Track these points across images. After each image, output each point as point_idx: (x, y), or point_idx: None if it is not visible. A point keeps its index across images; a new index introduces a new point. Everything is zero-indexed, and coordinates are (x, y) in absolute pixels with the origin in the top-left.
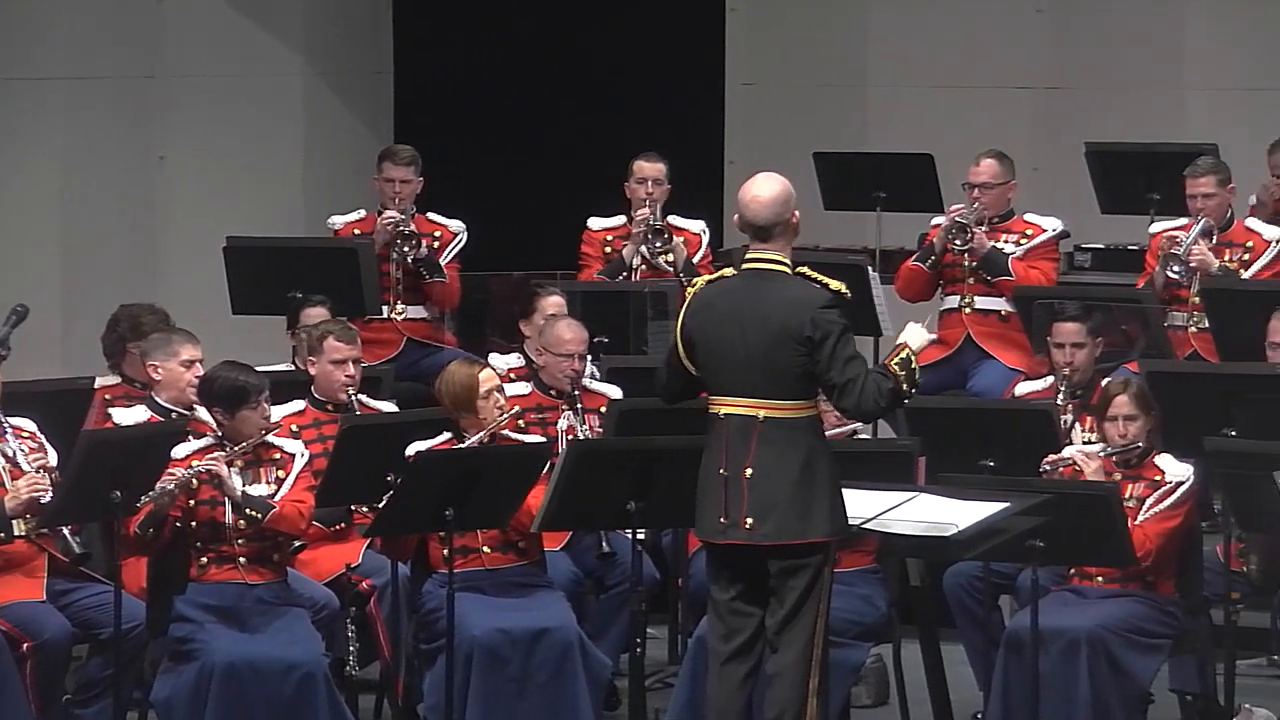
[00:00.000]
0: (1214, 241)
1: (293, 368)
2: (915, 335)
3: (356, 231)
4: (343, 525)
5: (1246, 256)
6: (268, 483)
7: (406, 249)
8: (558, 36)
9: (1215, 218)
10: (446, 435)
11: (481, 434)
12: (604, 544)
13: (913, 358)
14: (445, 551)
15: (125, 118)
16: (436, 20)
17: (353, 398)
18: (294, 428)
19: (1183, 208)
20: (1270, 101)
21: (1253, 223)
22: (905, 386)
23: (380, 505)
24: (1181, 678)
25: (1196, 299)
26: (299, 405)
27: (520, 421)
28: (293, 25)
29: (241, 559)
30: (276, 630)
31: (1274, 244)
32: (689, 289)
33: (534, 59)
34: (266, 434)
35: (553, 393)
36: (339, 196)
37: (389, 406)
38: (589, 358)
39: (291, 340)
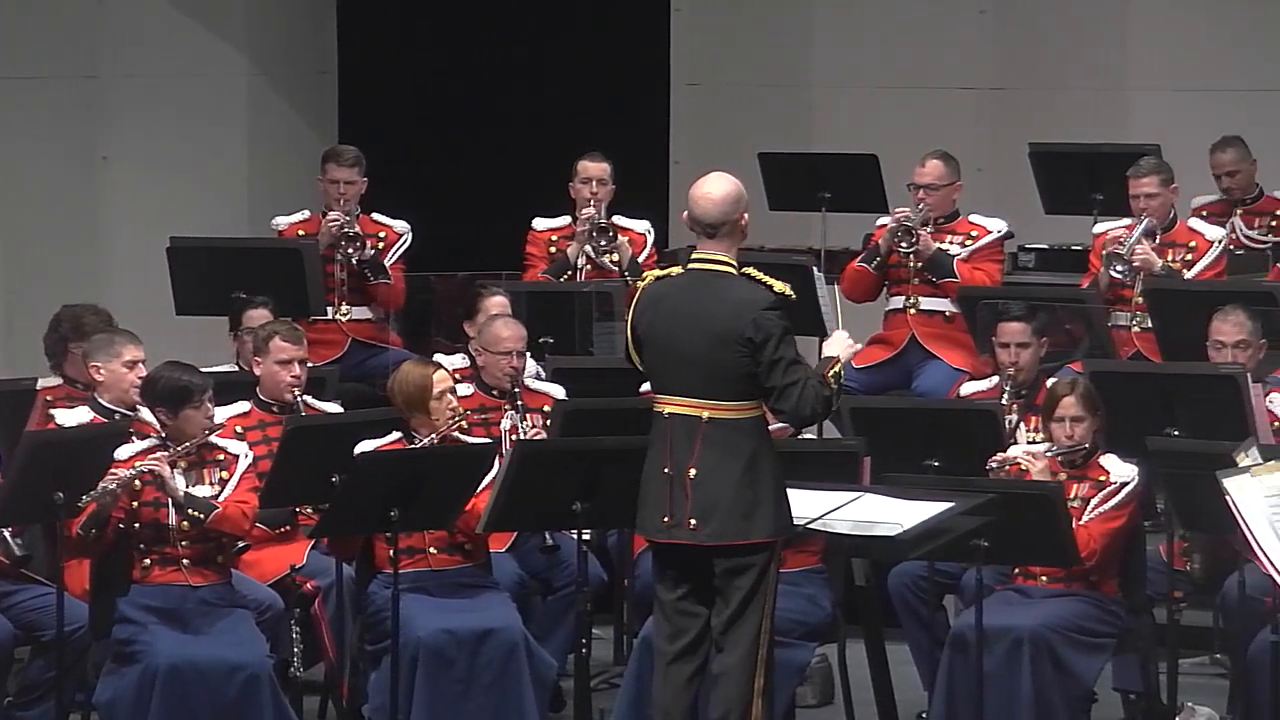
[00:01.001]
0: (1157, 242)
1: (236, 369)
2: (842, 345)
3: (301, 232)
4: (287, 527)
5: (1189, 257)
6: (211, 484)
7: (351, 250)
8: (502, 37)
9: (1158, 218)
10: (396, 435)
11: (433, 435)
12: (547, 537)
13: (841, 372)
14: (391, 552)
15: (68, 118)
16: (380, 20)
17: (298, 398)
18: (238, 429)
19: (1126, 208)
20: (1212, 102)
21: (1195, 223)
22: (835, 400)
23: (325, 506)
24: (1125, 677)
25: (1140, 299)
26: (244, 406)
27: (464, 423)
28: (236, 25)
29: (185, 560)
30: (220, 632)
31: (1216, 244)
32: (639, 284)
33: (478, 59)
34: (210, 434)
35: (495, 393)
36: (283, 197)
37: (334, 408)
38: (530, 356)
39: (234, 342)
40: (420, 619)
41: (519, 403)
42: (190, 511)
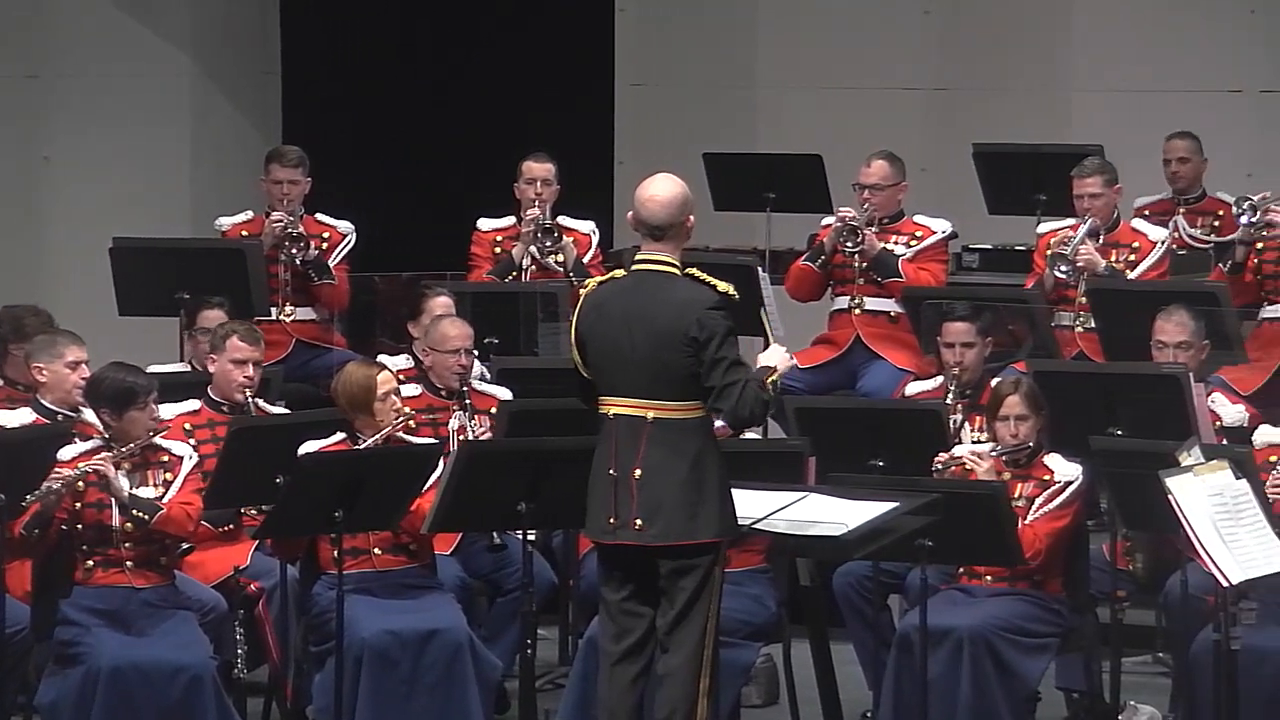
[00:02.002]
0: (1100, 242)
1: (189, 368)
2: (779, 357)
3: (244, 233)
4: (231, 526)
5: (1133, 257)
6: (155, 485)
7: (295, 250)
8: (447, 37)
9: (1102, 218)
10: (340, 436)
11: (378, 436)
12: (495, 536)
13: (779, 381)
14: (335, 553)
15: (9, 118)
16: (324, 21)
17: (249, 399)
18: (187, 426)
19: (1069, 208)
20: (1154, 103)
21: (1139, 224)
22: (769, 410)
23: (270, 507)
24: (1068, 676)
25: (1083, 299)
26: (194, 405)
27: (411, 423)
28: (179, 25)
29: (128, 562)
30: (163, 633)
31: (1159, 245)
32: (581, 290)
33: (422, 59)
34: (154, 436)
35: (442, 393)
36: (226, 198)
37: (282, 412)
38: (477, 356)
39: (189, 341)
40: (364, 620)
41: (467, 403)
42: (134, 513)
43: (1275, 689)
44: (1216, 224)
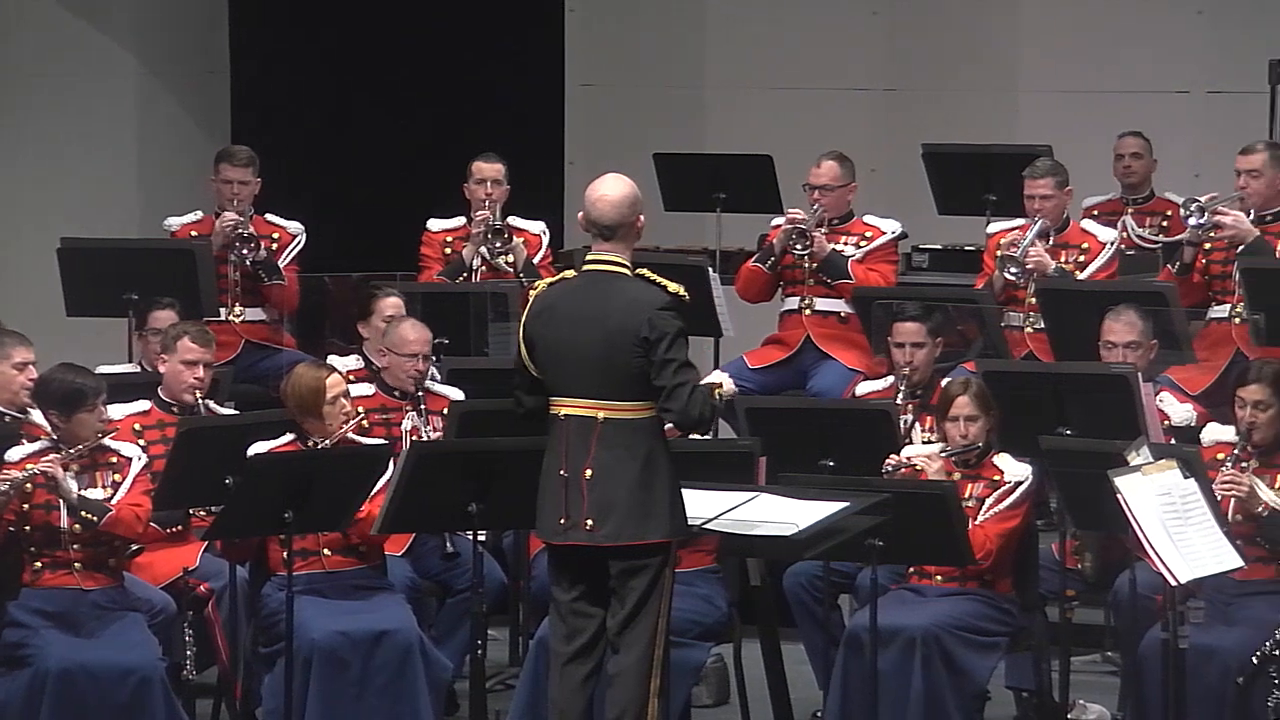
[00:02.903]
0: (1050, 243)
1: (138, 369)
2: (725, 380)
3: (193, 233)
4: (180, 527)
5: (1082, 258)
6: (104, 486)
7: (245, 251)
8: (396, 36)
9: (1052, 219)
10: (289, 437)
11: (327, 440)
12: (448, 544)
13: (721, 396)
14: (285, 554)
15: None
16: (272, 20)
17: (199, 400)
18: (136, 426)
19: (1018, 208)
20: (1102, 103)
21: (1088, 224)
22: (716, 413)
23: (219, 508)
24: (1018, 675)
25: (1033, 299)
26: (144, 405)
27: (364, 423)
28: (126, 25)
29: (77, 564)
30: (112, 635)
31: (1109, 246)
32: (531, 291)
33: (372, 59)
34: (103, 437)
35: (396, 394)
36: (175, 198)
37: (232, 413)
38: (432, 358)
39: (139, 342)
40: (315, 621)
41: (422, 407)
42: (83, 514)
43: (1223, 687)
44: (1165, 224)
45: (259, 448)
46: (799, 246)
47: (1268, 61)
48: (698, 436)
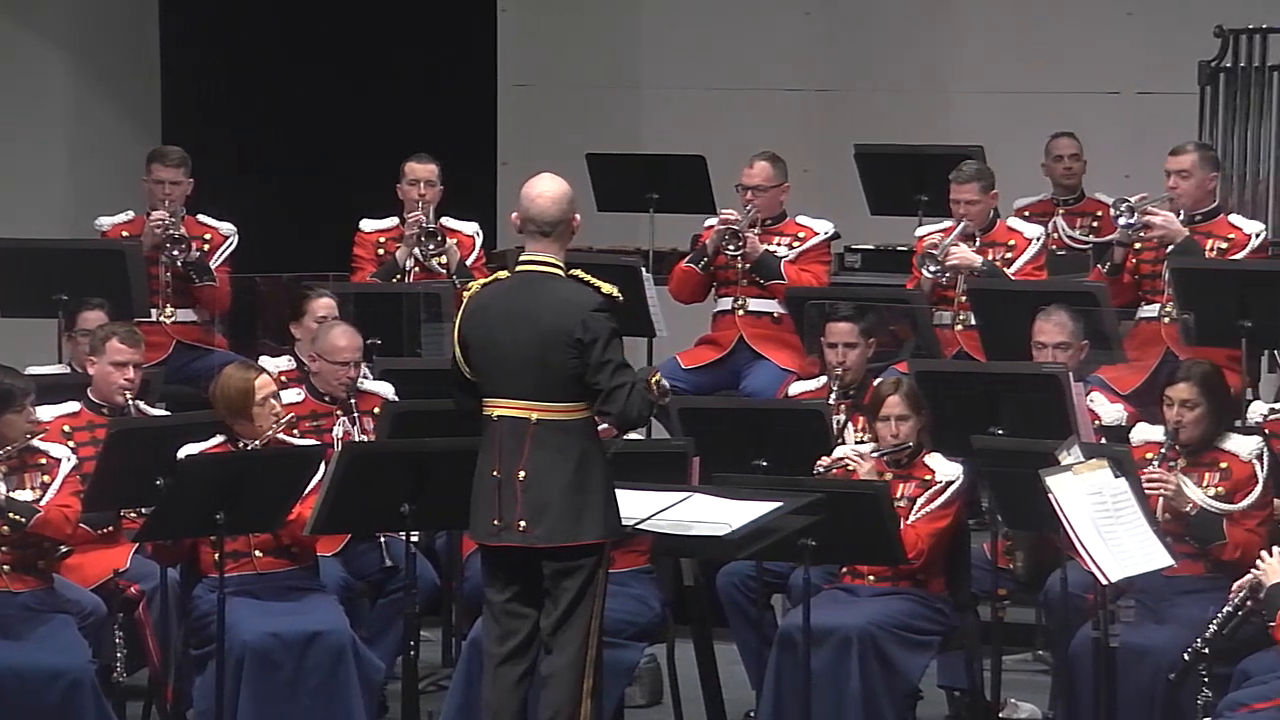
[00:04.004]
0: (978, 244)
1: (68, 370)
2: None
3: (125, 233)
4: (111, 529)
5: (1009, 255)
6: (33, 488)
7: (176, 252)
8: (329, 37)
9: (976, 222)
10: (220, 439)
11: (257, 441)
12: (385, 558)
13: (664, 382)
14: (216, 556)
15: None
16: (204, 20)
17: (130, 401)
18: (66, 428)
19: (950, 208)
20: (1034, 104)
21: (1014, 222)
22: (654, 410)
23: (150, 509)
24: (950, 674)
25: (963, 298)
26: (73, 406)
27: (295, 431)
28: (57, 25)
29: (5, 566)
30: (41, 637)
31: (1035, 241)
32: (465, 293)
33: (304, 59)
34: (32, 438)
35: (327, 399)
36: (106, 198)
37: (159, 410)
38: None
39: (69, 343)
40: (246, 622)
41: (355, 415)
42: (11, 516)
43: (1153, 686)
44: (1095, 225)
45: (190, 449)
46: (732, 247)
47: (1197, 63)
48: (633, 435)
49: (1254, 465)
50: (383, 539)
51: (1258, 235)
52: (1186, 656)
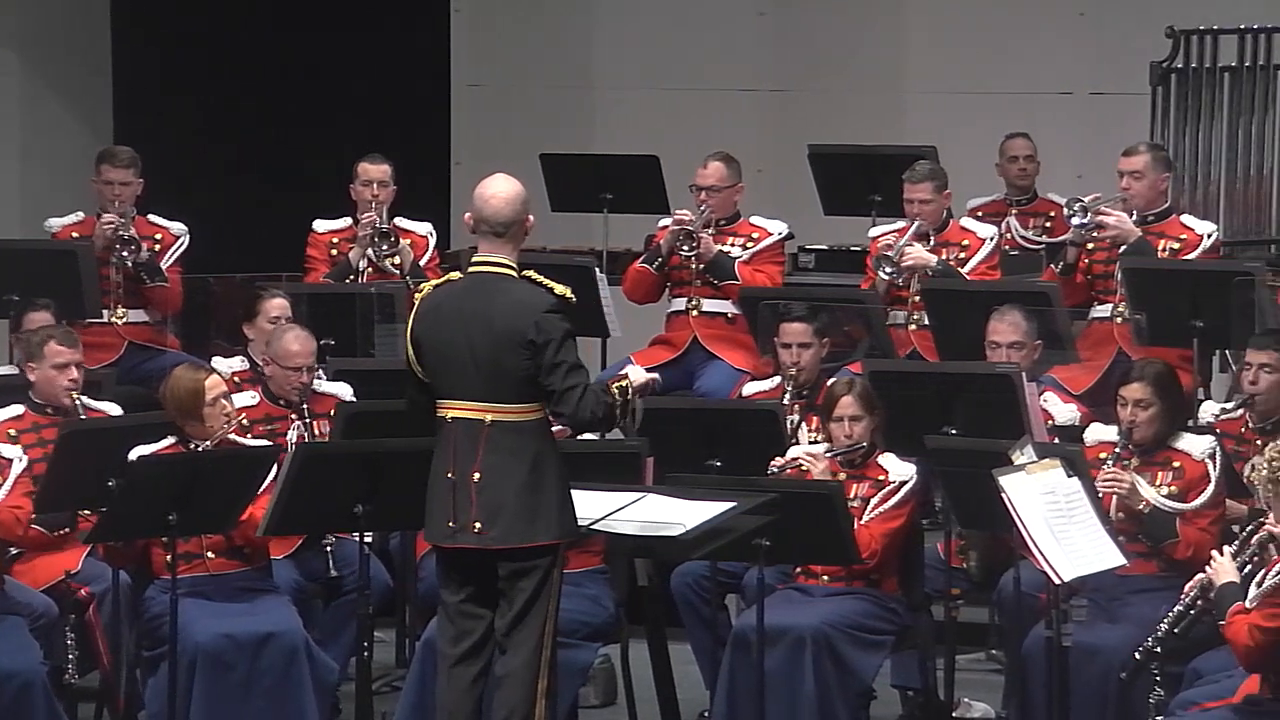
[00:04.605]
0: (931, 243)
1: (16, 370)
2: (636, 373)
3: (75, 234)
4: (68, 529)
5: (963, 255)
6: None
7: (126, 252)
8: (281, 36)
9: (930, 222)
10: (171, 440)
11: (208, 442)
12: (331, 569)
13: (631, 389)
14: (168, 557)
15: None
16: (155, 20)
17: (77, 400)
18: (12, 432)
19: (903, 209)
20: (987, 105)
21: (967, 222)
22: (618, 412)
23: (102, 510)
24: (903, 674)
25: (916, 298)
26: (17, 410)
27: (249, 434)
28: (7, 25)
29: None
30: None
31: (989, 241)
32: (417, 294)
33: (256, 59)
34: None
35: (281, 402)
36: (57, 199)
37: (113, 408)
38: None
39: (17, 344)
40: (199, 623)
41: (308, 420)
42: None
43: (1105, 685)
44: (1048, 225)
45: (141, 450)
46: (686, 247)
47: (1149, 63)
48: (588, 435)
49: (1207, 464)
50: (329, 548)
51: (1209, 236)
52: (1138, 655)
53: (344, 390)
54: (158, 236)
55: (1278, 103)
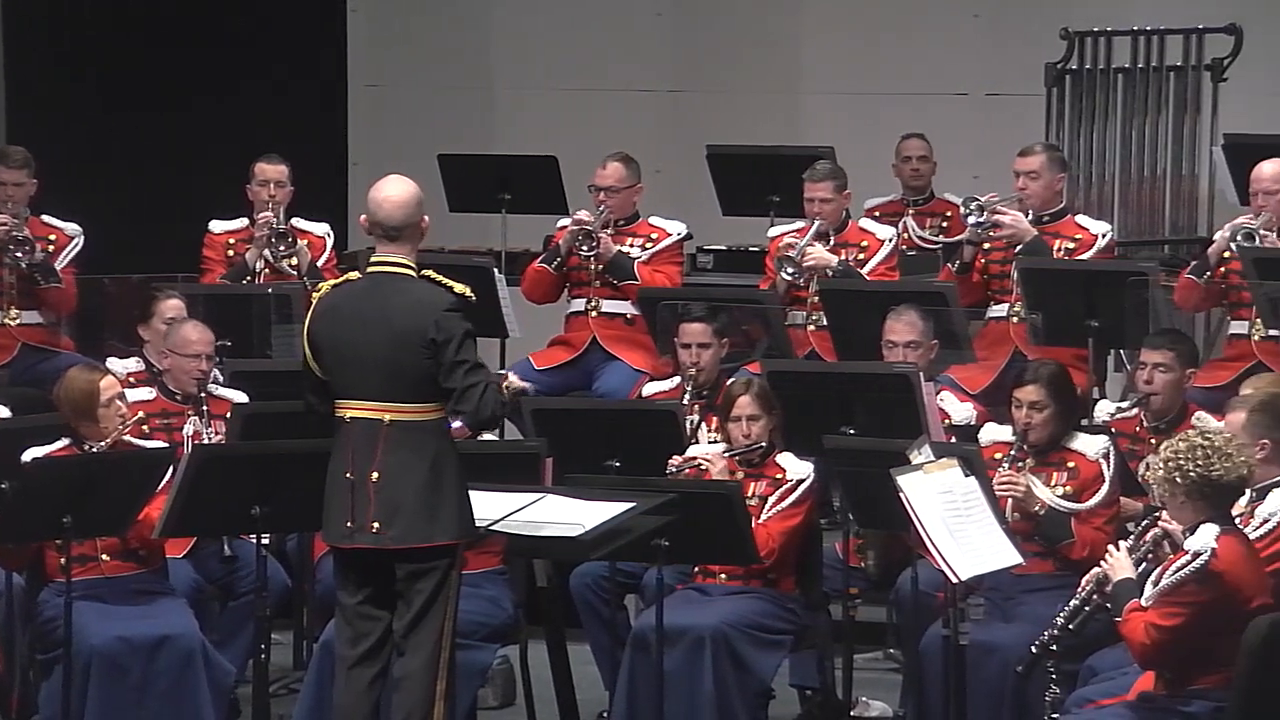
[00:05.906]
0: (830, 244)
1: None
2: (516, 381)
3: None
4: None
5: (862, 255)
6: None
7: (20, 253)
8: (177, 36)
9: (830, 221)
10: (65, 441)
11: (104, 443)
12: (225, 548)
13: (510, 392)
14: (62, 560)
15: None
16: (48, 19)
17: None
18: None
19: (801, 209)
20: (883, 105)
21: (866, 223)
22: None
23: None
24: (801, 673)
25: (815, 299)
26: None
27: (145, 427)
28: None
29: None
30: None
31: (887, 242)
32: (314, 294)
33: (151, 58)
34: None
35: (178, 397)
36: None
37: (3, 411)
38: (215, 359)
39: None
40: (93, 626)
41: (204, 409)
42: None
43: (1002, 683)
44: (945, 225)
45: (34, 452)
46: (585, 248)
47: (1044, 64)
48: (487, 435)
49: (1101, 464)
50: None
51: (1104, 235)
52: (1034, 649)
53: (238, 397)
54: (52, 237)
55: (1171, 104)
